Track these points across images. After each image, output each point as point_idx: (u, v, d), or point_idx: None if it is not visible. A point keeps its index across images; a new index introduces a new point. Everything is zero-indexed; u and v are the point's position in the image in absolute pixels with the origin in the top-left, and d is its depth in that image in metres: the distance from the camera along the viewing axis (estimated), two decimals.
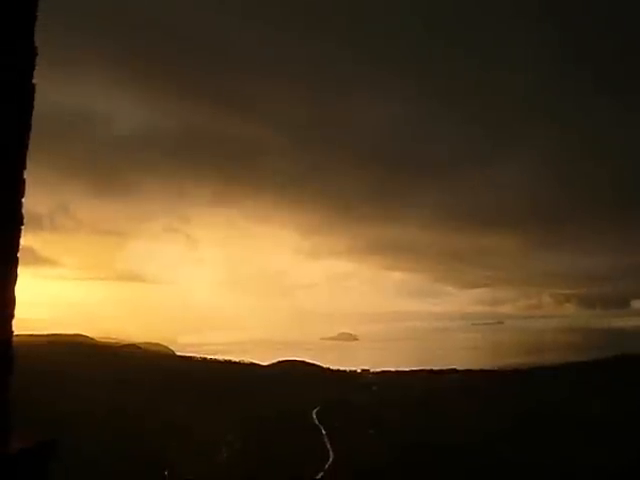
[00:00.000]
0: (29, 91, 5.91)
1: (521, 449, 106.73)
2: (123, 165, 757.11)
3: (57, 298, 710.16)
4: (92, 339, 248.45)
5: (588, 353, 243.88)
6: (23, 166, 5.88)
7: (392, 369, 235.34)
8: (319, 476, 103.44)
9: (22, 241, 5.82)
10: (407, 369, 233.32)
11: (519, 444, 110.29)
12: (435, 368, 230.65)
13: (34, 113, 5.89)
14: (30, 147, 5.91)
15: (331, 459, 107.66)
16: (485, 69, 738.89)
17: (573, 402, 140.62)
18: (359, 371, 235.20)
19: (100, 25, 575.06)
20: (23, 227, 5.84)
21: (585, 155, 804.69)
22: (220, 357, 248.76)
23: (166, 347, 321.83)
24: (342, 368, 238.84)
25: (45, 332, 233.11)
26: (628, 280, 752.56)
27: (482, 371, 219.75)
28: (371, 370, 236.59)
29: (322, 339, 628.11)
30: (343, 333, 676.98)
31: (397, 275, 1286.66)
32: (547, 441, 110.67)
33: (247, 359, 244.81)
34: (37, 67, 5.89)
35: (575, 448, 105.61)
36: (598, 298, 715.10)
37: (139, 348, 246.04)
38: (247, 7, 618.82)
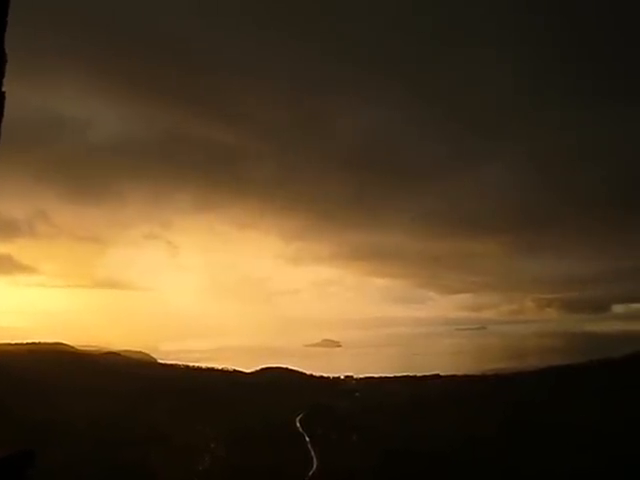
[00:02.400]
0: None
1: (505, 454, 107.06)
2: (102, 170, 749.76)
3: (36, 306, 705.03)
4: (72, 347, 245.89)
5: (570, 357, 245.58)
6: None
7: (375, 375, 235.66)
8: None
9: None
10: (390, 375, 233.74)
11: (503, 449, 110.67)
12: (418, 374, 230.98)
13: (8, 119, 5.75)
14: (5, 153, 5.76)
15: (315, 466, 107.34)
16: (469, 72, 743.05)
17: (555, 406, 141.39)
18: (342, 377, 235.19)
19: (76, 29, 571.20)
20: None
21: (568, 161, 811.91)
22: (203, 364, 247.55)
23: (148, 355, 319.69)
24: (325, 374, 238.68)
25: (24, 340, 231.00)
26: (609, 285, 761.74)
27: (465, 376, 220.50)
28: (354, 376, 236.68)
29: (305, 346, 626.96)
30: (326, 339, 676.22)
31: (380, 281, 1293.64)
32: (530, 446, 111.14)
33: (230, 366, 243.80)
34: (13, 72, 5.75)
35: (558, 452, 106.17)
36: (579, 303, 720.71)
37: (120, 356, 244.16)
38: (229, 10, 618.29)
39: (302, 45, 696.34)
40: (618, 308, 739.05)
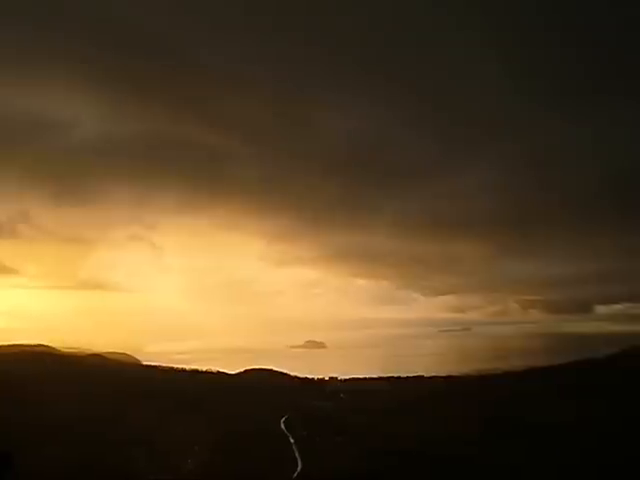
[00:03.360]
0: None
1: (488, 454, 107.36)
2: (86, 171, 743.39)
3: (18, 308, 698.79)
4: (55, 349, 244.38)
5: (552, 358, 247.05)
6: None
7: (360, 376, 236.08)
8: None
9: None
10: (375, 376, 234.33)
11: (486, 449, 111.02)
12: (403, 375, 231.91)
13: None
14: None
15: (299, 467, 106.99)
16: (454, 71, 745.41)
17: (538, 406, 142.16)
18: (327, 379, 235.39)
19: (59, 29, 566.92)
20: None
21: (550, 163, 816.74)
22: (187, 366, 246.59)
23: (131, 356, 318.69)
24: (310, 376, 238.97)
25: (6, 342, 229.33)
26: (591, 286, 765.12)
27: (449, 377, 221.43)
28: (339, 378, 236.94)
29: (290, 347, 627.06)
30: (310, 341, 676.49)
31: (364, 282, 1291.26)
32: (513, 445, 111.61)
33: (214, 368, 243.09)
34: None
35: (540, 451, 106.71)
36: (562, 304, 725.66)
37: (104, 358, 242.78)
38: (213, 11, 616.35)
39: (287, 45, 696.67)
40: (601, 309, 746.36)
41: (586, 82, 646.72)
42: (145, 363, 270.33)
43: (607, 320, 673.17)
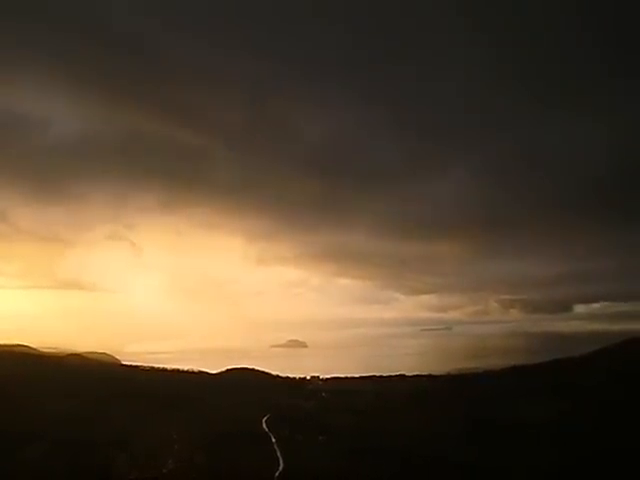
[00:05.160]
0: None
1: (469, 452, 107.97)
2: (64, 170, 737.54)
3: None
4: (35, 349, 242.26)
5: (533, 356, 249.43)
6: None
7: (341, 375, 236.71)
8: None
9: None
10: (356, 375, 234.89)
11: (467, 446, 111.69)
12: (384, 374, 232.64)
13: None
14: None
15: (281, 467, 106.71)
16: (430, 77, 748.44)
17: (518, 405, 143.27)
18: (309, 378, 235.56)
19: (36, 27, 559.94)
20: None
21: (530, 163, 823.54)
22: (168, 366, 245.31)
23: (112, 356, 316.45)
24: (292, 375, 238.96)
25: None
26: (570, 286, 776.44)
27: (430, 376, 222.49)
28: (320, 377, 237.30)
29: (271, 346, 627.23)
30: (292, 340, 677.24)
31: (346, 282, 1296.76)
32: (494, 444, 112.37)
33: (195, 367, 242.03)
34: None
35: (521, 449, 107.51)
36: (542, 303, 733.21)
37: (84, 358, 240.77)
38: (193, 11, 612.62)
39: (269, 47, 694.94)
40: (579, 308, 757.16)
41: (569, 80, 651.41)
42: (125, 363, 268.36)
43: (586, 319, 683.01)
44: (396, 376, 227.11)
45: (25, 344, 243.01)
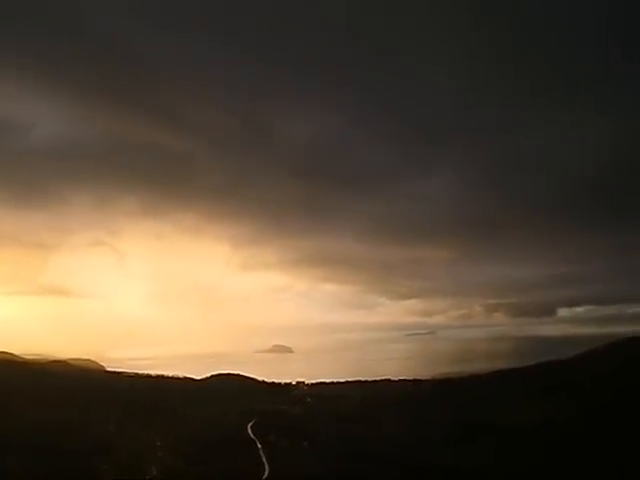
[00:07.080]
0: None
1: (454, 456, 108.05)
2: (45, 174, 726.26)
3: None
4: (17, 356, 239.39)
5: (517, 360, 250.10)
6: None
7: (327, 381, 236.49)
8: None
9: None
10: (342, 380, 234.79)
11: (453, 451, 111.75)
12: (370, 379, 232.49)
13: None
14: None
15: (266, 473, 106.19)
16: (414, 81, 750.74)
17: (504, 408, 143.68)
18: (294, 383, 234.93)
19: (19, 30, 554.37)
20: None
21: (517, 164, 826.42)
22: (152, 372, 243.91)
23: (95, 363, 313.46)
24: (277, 380, 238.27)
25: None
26: (554, 289, 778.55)
27: (415, 381, 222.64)
28: (306, 382, 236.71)
29: (256, 352, 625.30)
30: (277, 345, 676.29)
31: (330, 287, 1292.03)
32: (480, 448, 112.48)
33: (180, 373, 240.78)
34: None
35: (507, 453, 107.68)
36: (526, 307, 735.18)
37: (67, 364, 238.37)
38: (177, 13, 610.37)
39: (252, 50, 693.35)
40: (563, 312, 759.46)
41: (556, 82, 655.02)
42: (109, 369, 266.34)
43: (569, 323, 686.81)
44: (382, 381, 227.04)
45: (8, 351, 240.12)
